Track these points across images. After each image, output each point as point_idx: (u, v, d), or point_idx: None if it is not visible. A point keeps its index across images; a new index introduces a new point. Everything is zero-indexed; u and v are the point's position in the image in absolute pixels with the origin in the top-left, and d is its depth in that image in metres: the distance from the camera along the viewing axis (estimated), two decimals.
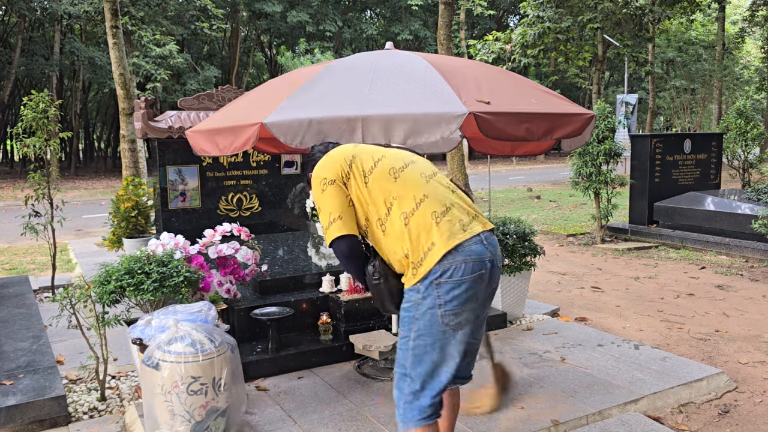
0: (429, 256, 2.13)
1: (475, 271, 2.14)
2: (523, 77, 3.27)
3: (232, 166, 5.58)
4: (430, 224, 2.15)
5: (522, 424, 2.96)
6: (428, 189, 2.22)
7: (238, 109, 2.96)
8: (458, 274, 2.13)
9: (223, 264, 3.78)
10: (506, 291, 4.59)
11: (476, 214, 2.25)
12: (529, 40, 18.01)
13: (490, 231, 2.25)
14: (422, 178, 2.24)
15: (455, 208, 2.21)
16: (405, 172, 2.24)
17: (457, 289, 2.12)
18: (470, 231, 2.18)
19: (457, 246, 2.14)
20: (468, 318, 2.17)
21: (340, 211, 2.21)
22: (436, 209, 2.18)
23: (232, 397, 2.65)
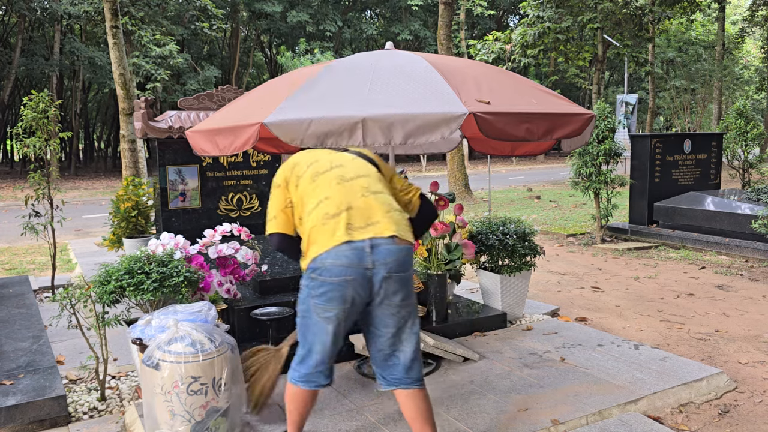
0: (309, 252, 2.38)
1: (340, 275, 2.30)
2: (523, 77, 3.27)
3: (232, 166, 5.58)
4: (319, 224, 2.37)
5: (522, 424, 2.96)
6: (334, 191, 2.41)
7: (238, 109, 2.96)
8: (325, 274, 2.33)
9: (223, 264, 3.78)
10: (506, 291, 4.59)
11: (377, 220, 2.35)
12: (529, 40, 18.01)
13: (390, 238, 2.33)
14: (336, 181, 2.44)
15: (353, 212, 2.36)
16: (324, 175, 2.46)
17: (322, 287, 2.34)
18: (353, 236, 2.32)
19: (332, 248, 2.31)
20: (338, 315, 2.36)
21: (276, 213, 2.54)
22: (329, 211, 2.37)
23: (232, 397, 2.65)
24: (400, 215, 2.45)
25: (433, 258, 4.29)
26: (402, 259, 2.35)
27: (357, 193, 2.41)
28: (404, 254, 2.36)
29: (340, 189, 2.42)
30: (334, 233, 2.33)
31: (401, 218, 2.44)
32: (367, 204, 2.39)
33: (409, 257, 2.39)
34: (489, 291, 4.67)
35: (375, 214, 2.37)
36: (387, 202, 2.43)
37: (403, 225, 2.42)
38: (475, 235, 4.63)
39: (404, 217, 2.47)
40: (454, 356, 3.75)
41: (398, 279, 2.35)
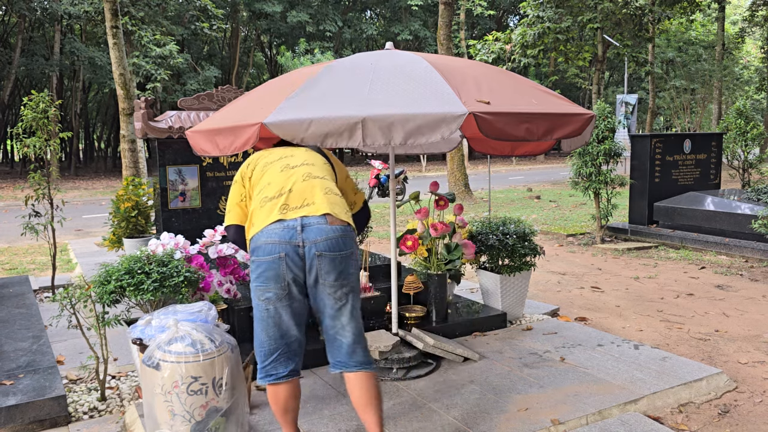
0: (249, 234, 2.48)
1: (272, 252, 2.34)
2: (523, 77, 3.27)
3: (232, 166, 5.58)
4: (257, 207, 2.47)
5: (522, 424, 2.96)
6: (277, 177, 2.51)
7: (238, 109, 2.96)
8: (260, 253, 2.38)
9: (223, 264, 3.78)
10: (506, 291, 4.59)
11: (312, 201, 2.42)
12: (529, 40, 18.02)
13: (322, 216, 2.38)
14: (280, 168, 2.55)
15: (291, 194, 2.45)
16: (272, 165, 2.58)
17: (259, 267, 2.39)
18: (286, 215, 2.39)
19: (264, 227, 2.38)
20: (278, 296, 2.38)
21: (231, 206, 2.67)
22: (268, 194, 2.47)
23: (232, 397, 2.65)
24: (339, 198, 2.51)
25: (433, 258, 4.29)
26: (334, 238, 2.36)
27: (299, 178, 2.51)
28: (338, 233, 2.38)
29: (282, 175, 2.53)
30: (269, 214, 2.41)
31: (339, 200, 2.49)
32: (306, 186, 2.48)
33: (345, 238, 2.40)
34: (489, 291, 4.68)
35: (311, 196, 2.45)
36: (326, 186, 2.50)
37: (339, 206, 2.46)
38: (475, 235, 4.64)
39: (343, 201, 2.53)
40: (454, 356, 3.75)
41: (331, 258, 2.36)
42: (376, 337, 3.69)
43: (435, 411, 3.11)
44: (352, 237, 2.46)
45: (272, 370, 2.48)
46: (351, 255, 2.43)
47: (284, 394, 2.51)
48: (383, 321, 4.13)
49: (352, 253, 2.44)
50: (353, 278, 2.45)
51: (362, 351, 2.49)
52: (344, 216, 2.44)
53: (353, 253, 2.45)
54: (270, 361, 2.48)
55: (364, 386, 2.45)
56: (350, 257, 2.43)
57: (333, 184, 2.56)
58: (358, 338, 2.48)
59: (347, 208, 2.53)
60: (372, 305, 4.16)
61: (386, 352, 3.55)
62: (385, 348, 3.53)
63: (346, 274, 2.41)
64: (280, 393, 2.51)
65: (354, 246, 2.47)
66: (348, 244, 2.42)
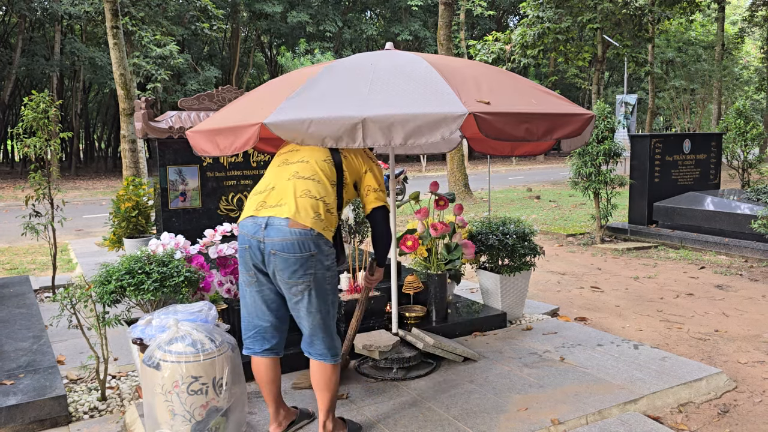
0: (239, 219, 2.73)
1: (242, 243, 2.66)
2: (522, 77, 3.27)
3: (233, 166, 5.59)
4: (250, 196, 2.74)
5: (522, 424, 2.97)
6: (272, 172, 2.75)
7: (239, 109, 2.97)
8: (238, 240, 2.71)
9: (224, 264, 3.78)
10: (506, 291, 4.60)
11: (285, 202, 2.59)
12: (529, 41, 18.02)
13: (285, 219, 2.56)
14: (279, 164, 2.77)
15: (273, 192, 2.66)
16: (278, 158, 2.82)
17: (238, 252, 2.72)
18: (259, 212, 2.63)
19: (242, 220, 2.68)
20: (250, 280, 2.68)
21: None
22: (258, 189, 2.73)
23: (232, 397, 2.66)
24: (313, 202, 2.60)
25: (433, 258, 4.30)
26: (290, 240, 2.53)
27: (285, 176, 2.69)
28: (294, 236, 2.53)
29: (277, 170, 2.75)
30: (250, 208, 2.68)
31: (310, 204, 2.59)
32: (286, 186, 2.65)
33: (304, 241, 2.54)
34: (489, 291, 4.68)
35: (286, 196, 2.61)
36: (305, 188, 2.63)
37: (306, 210, 2.57)
38: (475, 235, 4.64)
39: (317, 205, 2.61)
40: (454, 356, 3.75)
41: (283, 258, 2.54)
42: (377, 337, 3.70)
43: (435, 411, 3.12)
44: (314, 240, 2.57)
45: (250, 345, 2.77)
46: (309, 257, 2.56)
47: (261, 367, 2.77)
48: (383, 321, 4.14)
49: (311, 256, 2.56)
50: (310, 278, 2.58)
51: (321, 343, 2.68)
52: (309, 221, 2.56)
53: (313, 255, 2.57)
54: (247, 337, 2.77)
55: (317, 374, 2.69)
56: (308, 259, 2.56)
57: (317, 186, 2.65)
58: (316, 331, 2.66)
59: (319, 212, 2.60)
60: (372, 305, 4.16)
61: (386, 352, 3.56)
62: (386, 348, 3.54)
63: (300, 273, 2.56)
64: (257, 366, 2.78)
65: (316, 248, 2.57)
66: (305, 246, 2.55)
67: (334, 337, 2.71)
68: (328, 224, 2.64)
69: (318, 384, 2.70)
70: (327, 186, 2.69)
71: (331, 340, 2.70)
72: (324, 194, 2.66)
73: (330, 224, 2.65)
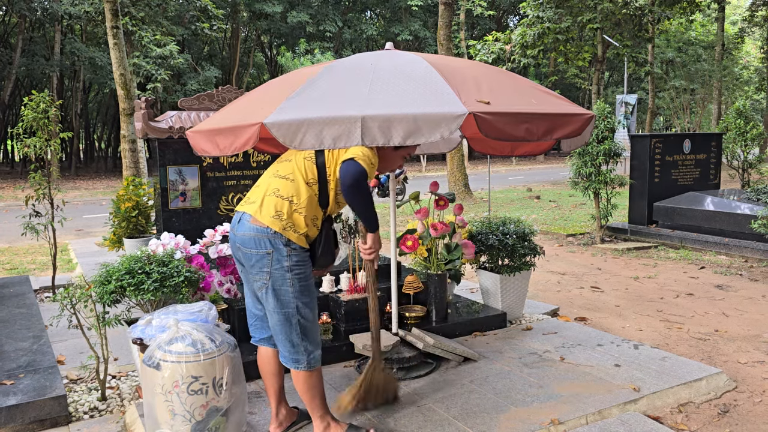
0: None
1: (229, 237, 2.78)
2: (522, 77, 3.27)
3: (233, 166, 5.59)
4: None
5: (522, 424, 2.97)
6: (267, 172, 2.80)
7: (239, 109, 2.97)
8: None
9: (224, 264, 3.78)
10: (506, 291, 4.60)
11: (254, 200, 2.68)
12: (529, 41, 18.02)
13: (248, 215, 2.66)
14: (275, 163, 2.83)
15: (255, 189, 2.76)
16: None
17: None
18: (239, 207, 2.75)
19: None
20: (240, 270, 2.78)
21: None
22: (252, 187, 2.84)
23: (232, 397, 2.66)
24: (278, 201, 2.63)
25: (433, 258, 4.30)
26: (248, 236, 2.62)
27: (270, 174, 2.76)
28: (252, 232, 2.61)
29: (269, 168, 2.82)
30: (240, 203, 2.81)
31: (274, 202, 2.63)
32: (264, 183, 2.73)
33: (260, 238, 2.59)
34: (489, 291, 4.68)
35: (259, 194, 2.69)
36: (276, 186, 2.68)
37: (267, 208, 2.62)
38: (475, 235, 4.64)
39: (281, 204, 2.62)
40: (454, 356, 3.75)
41: (244, 252, 2.65)
42: None
43: (435, 411, 3.12)
44: (270, 239, 2.59)
45: (251, 332, 2.89)
46: (265, 255, 2.60)
47: (263, 357, 2.87)
48: (383, 321, 4.13)
49: (266, 254, 2.60)
50: (266, 276, 2.62)
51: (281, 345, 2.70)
52: (267, 219, 2.60)
53: (268, 253, 2.60)
54: (250, 325, 2.89)
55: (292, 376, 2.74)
56: (263, 257, 2.60)
57: (288, 185, 2.65)
58: (275, 331, 2.69)
59: (281, 211, 2.61)
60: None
61: (386, 352, 3.55)
62: (385, 348, 3.54)
63: (257, 269, 2.63)
64: (260, 355, 2.89)
65: (272, 247, 2.59)
66: (260, 244, 2.60)
67: (295, 343, 2.65)
68: (291, 224, 2.61)
69: (295, 387, 2.75)
70: (300, 186, 2.65)
71: (290, 346, 2.66)
72: (293, 194, 2.64)
73: (295, 225, 2.62)
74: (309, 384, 2.70)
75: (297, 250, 2.63)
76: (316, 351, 2.70)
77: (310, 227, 2.67)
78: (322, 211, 2.73)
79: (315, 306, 2.72)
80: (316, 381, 2.71)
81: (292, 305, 2.63)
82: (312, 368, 2.68)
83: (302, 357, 2.67)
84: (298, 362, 2.67)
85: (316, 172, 2.70)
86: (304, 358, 2.67)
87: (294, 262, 2.62)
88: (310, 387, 2.70)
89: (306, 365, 2.67)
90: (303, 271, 2.65)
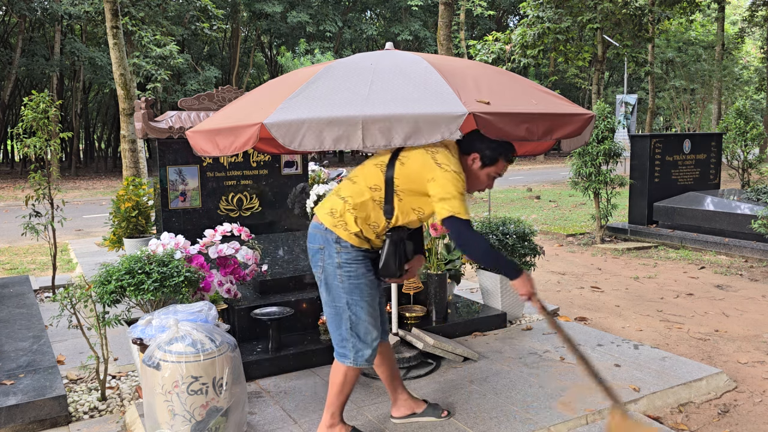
0: None
1: None
2: (522, 77, 3.27)
3: (233, 166, 5.59)
4: None
5: (521, 424, 2.97)
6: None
7: (239, 109, 2.97)
8: None
9: (224, 264, 3.78)
10: (506, 291, 4.60)
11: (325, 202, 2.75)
12: (529, 41, 18.00)
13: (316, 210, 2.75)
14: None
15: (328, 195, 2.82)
16: None
17: None
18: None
19: None
20: None
21: None
22: None
23: (232, 397, 2.66)
24: (336, 200, 2.69)
25: (433, 258, 4.30)
26: (310, 232, 2.75)
27: (347, 183, 2.77)
28: (311, 228, 2.74)
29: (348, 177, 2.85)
30: None
31: (332, 201, 2.70)
32: (338, 192, 2.75)
33: (314, 233, 2.70)
34: (489, 291, 4.68)
35: (329, 201, 2.74)
36: (340, 186, 2.75)
37: (325, 206, 2.71)
38: None
39: (337, 203, 2.67)
40: (454, 356, 3.75)
41: (308, 246, 2.77)
42: None
43: None
44: (322, 235, 2.67)
45: None
46: (318, 250, 2.68)
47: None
48: None
49: (319, 249, 2.68)
50: (320, 270, 2.70)
51: (332, 335, 2.75)
52: (322, 216, 2.70)
53: (321, 248, 2.67)
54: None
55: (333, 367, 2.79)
56: (317, 252, 2.69)
57: (350, 186, 2.69)
58: (328, 321, 2.75)
59: (335, 209, 2.66)
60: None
61: None
62: None
63: (313, 263, 2.74)
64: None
65: (324, 243, 2.66)
66: (315, 239, 2.70)
67: (344, 337, 2.68)
68: (342, 222, 2.62)
69: (330, 373, 2.80)
70: (360, 188, 2.65)
71: (339, 339, 2.71)
72: (350, 195, 2.65)
73: (346, 223, 2.62)
74: (344, 379, 2.73)
75: (347, 249, 2.63)
76: (364, 350, 2.69)
77: (365, 229, 2.64)
78: (386, 220, 2.65)
79: (369, 306, 2.68)
80: (351, 379, 2.74)
81: (342, 300, 2.66)
82: (357, 365, 2.70)
83: (349, 353, 2.70)
84: (345, 357, 2.70)
85: (381, 181, 2.64)
86: (351, 354, 2.70)
87: (344, 260, 2.63)
88: (343, 382, 2.73)
89: (352, 361, 2.69)
90: (354, 269, 2.64)
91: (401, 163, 2.62)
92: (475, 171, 2.71)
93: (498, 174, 2.76)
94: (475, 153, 2.68)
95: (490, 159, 2.69)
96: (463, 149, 2.71)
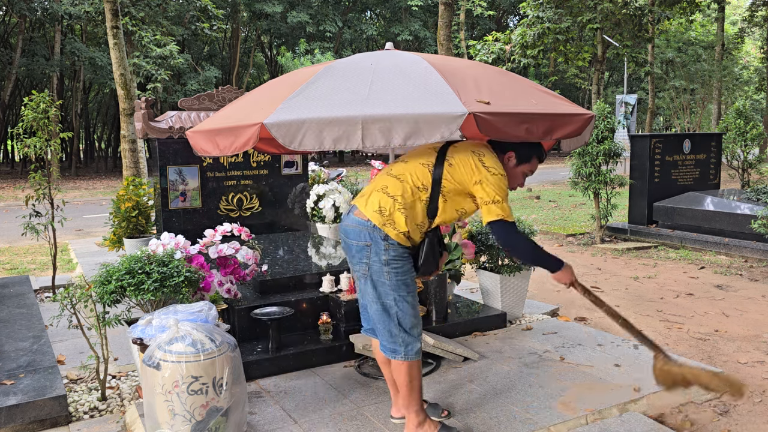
0: None
1: None
2: (522, 77, 3.27)
3: (233, 166, 5.59)
4: None
5: (521, 424, 2.97)
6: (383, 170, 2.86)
7: (239, 109, 2.97)
8: None
9: (224, 264, 3.78)
10: (506, 291, 4.60)
11: (365, 193, 2.77)
12: (529, 41, 18.00)
13: (356, 208, 2.75)
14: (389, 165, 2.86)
15: (369, 185, 2.82)
16: None
17: None
18: (353, 200, 2.83)
19: None
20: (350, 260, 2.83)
21: None
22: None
23: (232, 397, 2.66)
24: (384, 197, 2.67)
25: None
26: (350, 228, 2.71)
27: (384, 172, 2.79)
28: (354, 224, 2.70)
29: (386, 167, 2.87)
30: None
31: (380, 198, 2.68)
32: (378, 180, 2.77)
33: (359, 231, 2.67)
34: (489, 291, 4.68)
35: (369, 189, 2.76)
36: (386, 183, 2.71)
37: (373, 203, 2.68)
38: (475, 235, 4.64)
39: (386, 201, 2.66)
40: (453, 356, 3.75)
41: (347, 243, 2.74)
42: None
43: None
44: (369, 232, 2.66)
45: (362, 322, 2.99)
46: (365, 247, 2.67)
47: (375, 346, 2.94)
48: None
49: (366, 246, 2.66)
50: (366, 267, 2.68)
51: (381, 335, 2.75)
52: (369, 213, 2.67)
53: (368, 245, 2.66)
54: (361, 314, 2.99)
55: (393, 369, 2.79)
56: (363, 248, 2.67)
57: (397, 184, 2.68)
58: (376, 320, 2.73)
59: (384, 207, 2.65)
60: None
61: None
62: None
63: (357, 259, 2.70)
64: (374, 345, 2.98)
65: (371, 239, 2.66)
66: (360, 235, 2.67)
67: (393, 333, 2.70)
68: (391, 221, 2.64)
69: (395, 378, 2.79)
70: (409, 187, 2.67)
71: (389, 335, 2.72)
72: (399, 193, 2.66)
73: (395, 222, 2.64)
74: (409, 375, 2.72)
75: (395, 246, 2.66)
76: (414, 343, 2.72)
77: (412, 229, 2.67)
78: (429, 220, 2.71)
79: (414, 300, 2.73)
80: (415, 374, 2.74)
81: (390, 297, 2.68)
82: (409, 359, 2.71)
83: (399, 348, 2.71)
84: (396, 352, 2.72)
85: (429, 181, 2.67)
86: (401, 349, 2.71)
87: (391, 257, 2.65)
88: (410, 379, 2.73)
89: (403, 356, 2.71)
90: (401, 266, 2.68)
91: (449, 163, 2.68)
92: (511, 169, 2.81)
93: (531, 171, 2.87)
94: (510, 151, 2.78)
95: (526, 157, 2.80)
96: (499, 148, 2.77)
